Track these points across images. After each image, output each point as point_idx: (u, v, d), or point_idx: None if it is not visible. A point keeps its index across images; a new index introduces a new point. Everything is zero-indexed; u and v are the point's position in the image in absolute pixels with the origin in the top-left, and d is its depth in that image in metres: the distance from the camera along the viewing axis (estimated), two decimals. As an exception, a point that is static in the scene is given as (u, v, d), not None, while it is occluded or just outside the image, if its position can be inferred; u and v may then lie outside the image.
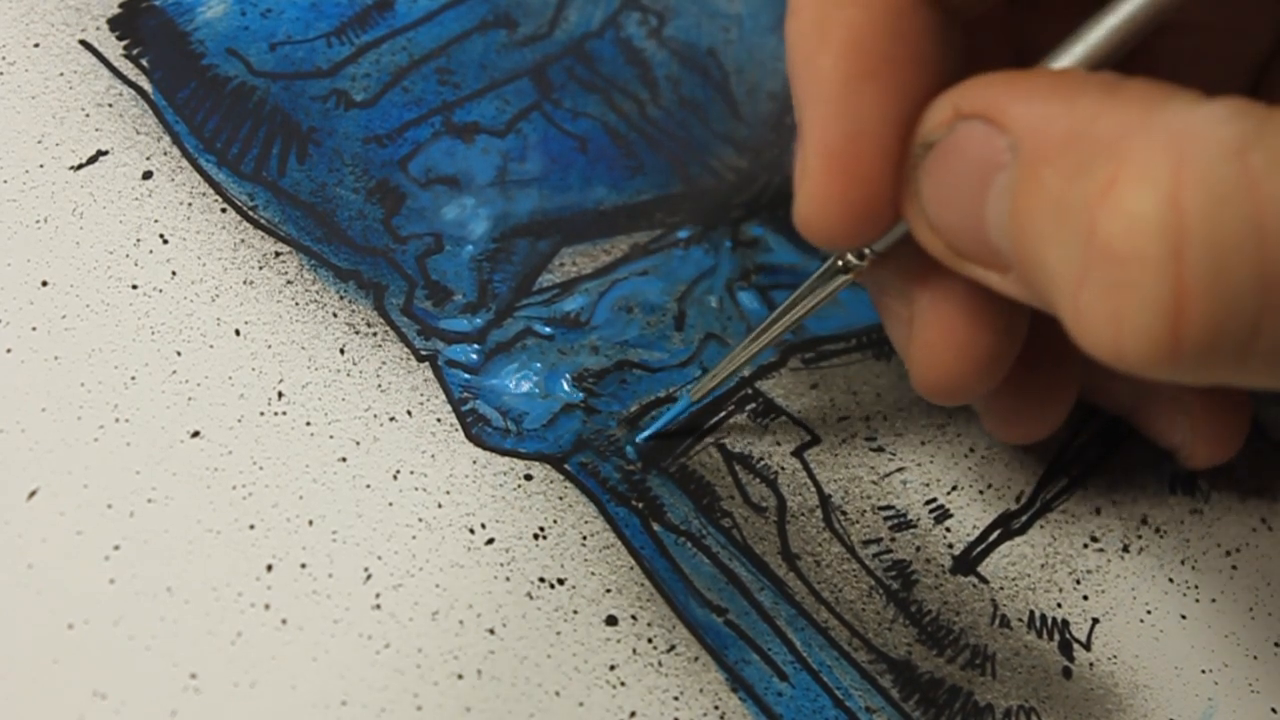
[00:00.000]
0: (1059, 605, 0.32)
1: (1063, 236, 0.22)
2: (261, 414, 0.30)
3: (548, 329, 0.33)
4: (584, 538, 0.31)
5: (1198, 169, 0.20)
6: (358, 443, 0.31)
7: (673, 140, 0.37)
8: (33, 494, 0.28)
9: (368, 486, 0.30)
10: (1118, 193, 0.21)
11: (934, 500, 0.33)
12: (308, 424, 0.31)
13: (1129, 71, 0.22)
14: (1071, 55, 0.24)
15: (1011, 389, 0.30)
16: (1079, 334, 0.22)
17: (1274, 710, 0.31)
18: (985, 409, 0.32)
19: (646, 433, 0.32)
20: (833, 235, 0.26)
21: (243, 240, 0.33)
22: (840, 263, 0.28)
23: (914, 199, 0.25)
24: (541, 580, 0.30)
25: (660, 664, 0.29)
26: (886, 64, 0.25)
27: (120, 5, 0.35)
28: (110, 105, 0.34)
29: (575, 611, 0.30)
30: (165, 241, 0.32)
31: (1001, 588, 0.32)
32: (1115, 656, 0.32)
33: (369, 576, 0.29)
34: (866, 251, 0.27)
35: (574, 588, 0.30)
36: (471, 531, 0.30)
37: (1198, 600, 0.33)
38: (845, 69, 0.25)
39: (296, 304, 0.32)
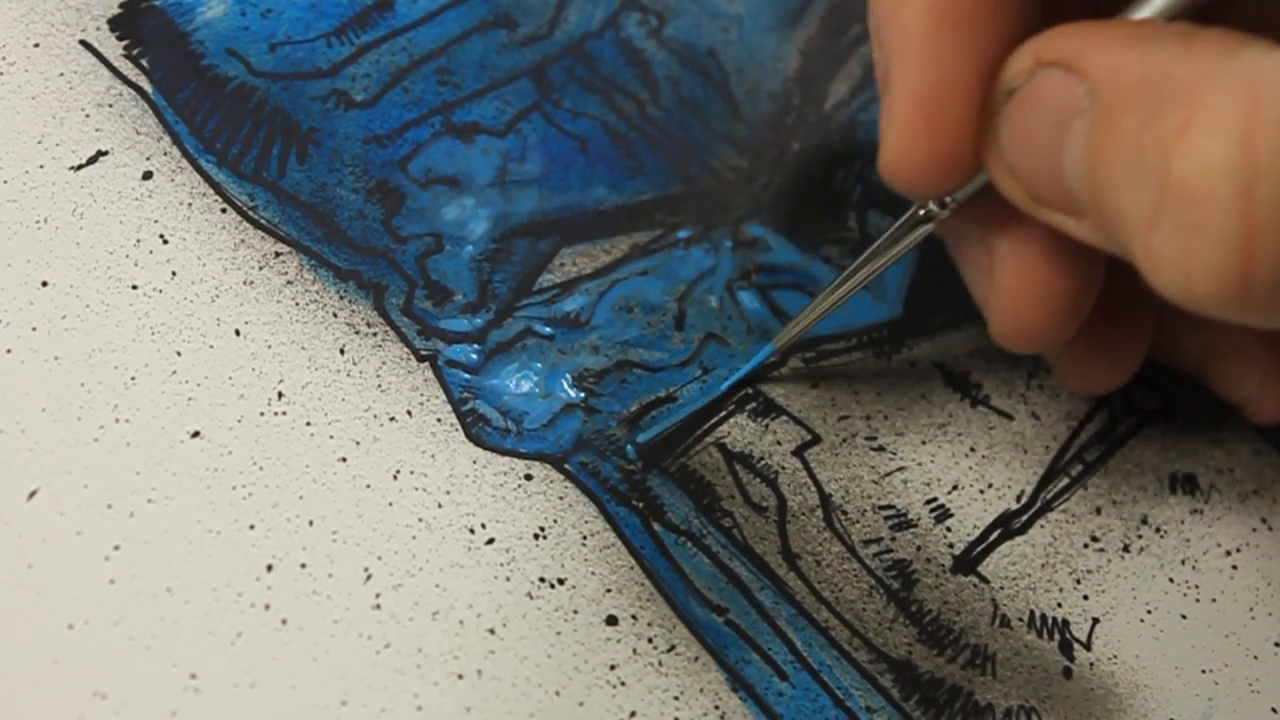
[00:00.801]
0: (1059, 605, 0.32)
1: (1137, 179, 0.22)
2: (261, 414, 0.30)
3: (548, 329, 0.33)
4: (584, 537, 0.31)
5: (1269, 112, 0.21)
6: (358, 443, 0.31)
7: (673, 140, 0.37)
8: (33, 494, 0.28)
9: (368, 486, 0.30)
10: (1191, 135, 0.21)
11: (934, 500, 0.33)
12: (308, 424, 0.31)
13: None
14: (1148, 7, 0.25)
15: (1085, 340, 0.31)
16: (1151, 275, 0.23)
17: (1274, 710, 0.31)
18: (1059, 359, 0.32)
19: (733, 379, 0.33)
20: (918, 182, 0.27)
21: (243, 240, 0.33)
22: (922, 212, 0.29)
23: (994, 146, 0.26)
24: (541, 580, 0.30)
25: (660, 664, 0.29)
26: (971, 14, 0.26)
27: (120, 5, 0.35)
28: (110, 105, 0.34)
29: (575, 611, 0.30)
30: (165, 242, 0.32)
31: (1002, 587, 0.32)
32: (1115, 656, 0.32)
33: (369, 576, 0.29)
34: (947, 200, 0.28)
35: (574, 588, 0.30)
36: (471, 531, 0.30)
37: (1198, 600, 0.33)
38: (932, 19, 0.26)
39: (296, 304, 0.32)
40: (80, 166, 0.33)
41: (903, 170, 0.27)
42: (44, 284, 0.31)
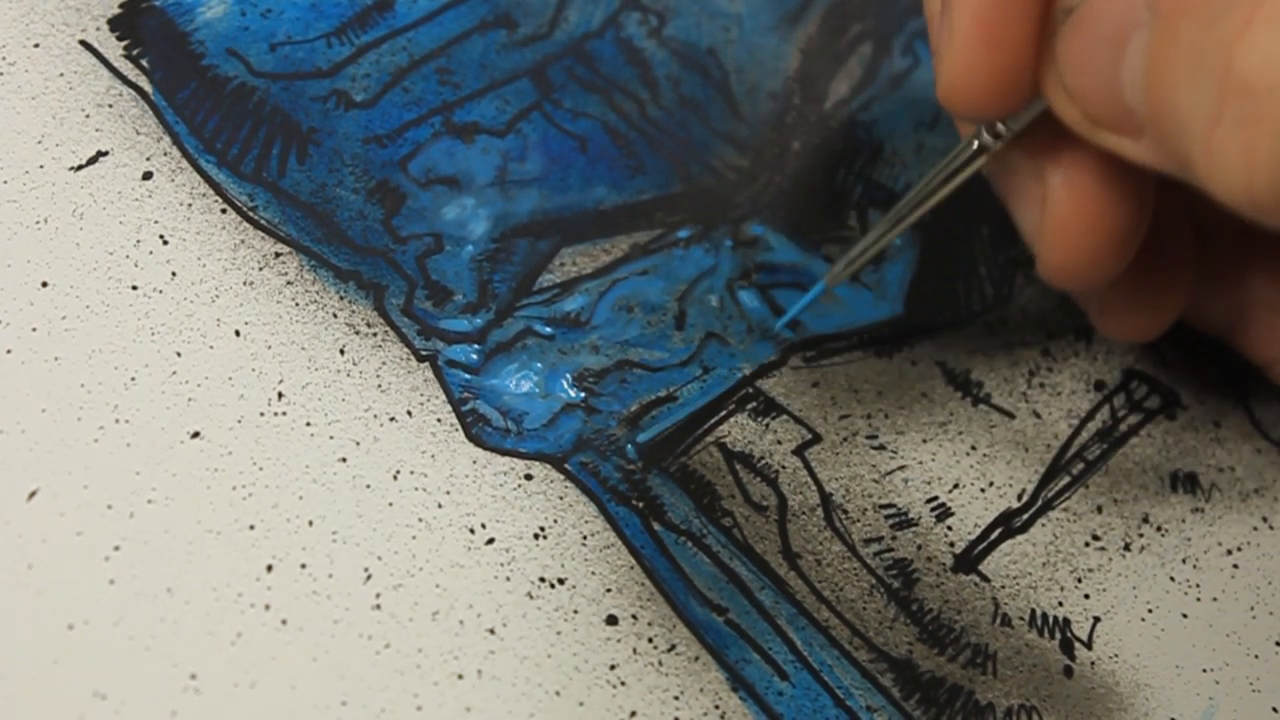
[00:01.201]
0: (1060, 604, 0.32)
1: (1198, 81, 0.23)
2: (261, 414, 0.30)
3: (548, 329, 0.33)
4: (584, 537, 0.31)
5: None
6: (358, 443, 0.31)
7: (673, 140, 0.37)
8: (33, 494, 0.28)
9: (368, 487, 0.30)
10: (1253, 31, 0.22)
11: (935, 498, 0.33)
12: (308, 424, 0.31)
13: None
14: None
15: (1125, 286, 0.31)
16: (1212, 178, 0.23)
17: (1275, 709, 0.31)
18: (1098, 306, 0.33)
19: (785, 319, 0.34)
20: (978, 104, 0.27)
21: (243, 241, 0.33)
22: (976, 144, 0.29)
23: (1052, 67, 0.27)
24: (542, 580, 0.30)
25: (661, 663, 0.29)
26: None
27: (120, 5, 0.35)
28: (110, 106, 0.34)
29: (575, 611, 0.30)
30: (165, 242, 0.32)
31: (1003, 586, 0.32)
32: (1116, 655, 0.31)
33: (369, 576, 0.29)
34: (1001, 130, 0.28)
35: (574, 587, 0.30)
36: (471, 531, 0.30)
37: (1199, 599, 0.33)
38: None
39: (296, 304, 0.32)
40: (80, 167, 0.33)
41: (962, 89, 0.27)
42: (44, 284, 0.31)
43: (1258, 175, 0.22)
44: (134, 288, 0.31)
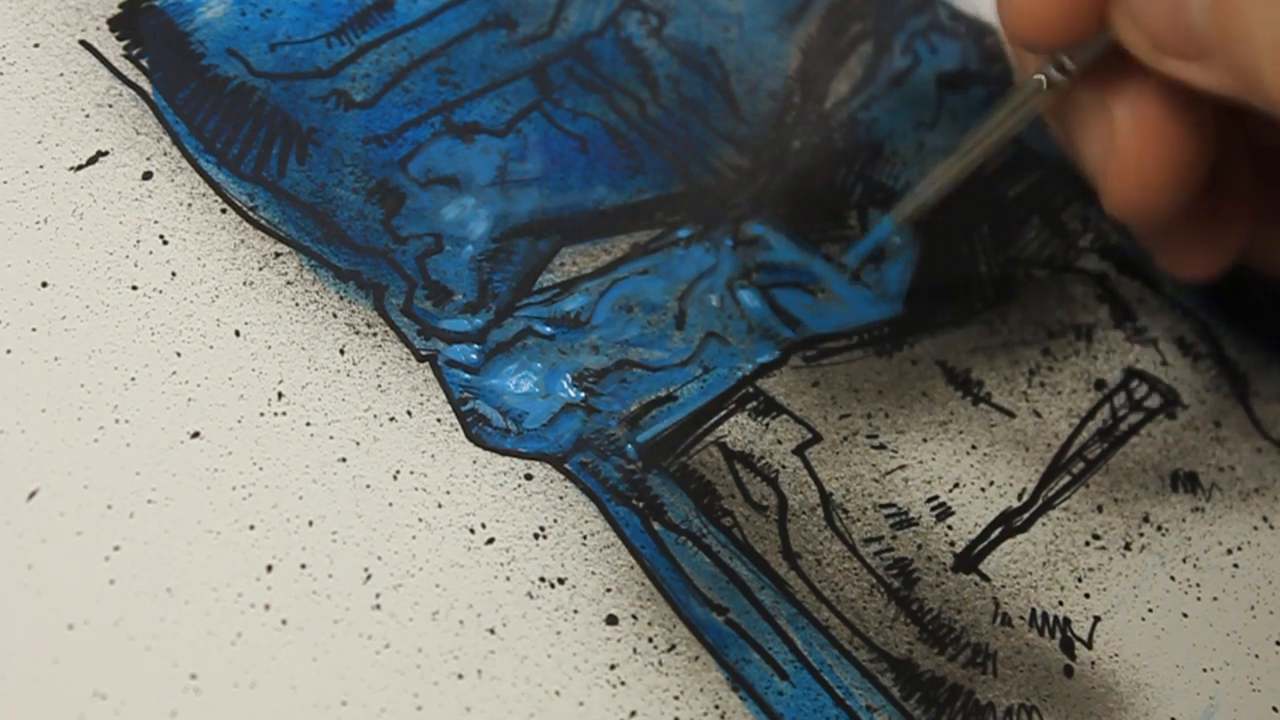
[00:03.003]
0: (1060, 603, 0.32)
1: (1266, 1, 0.23)
2: (261, 414, 0.30)
3: (548, 328, 0.33)
4: (584, 537, 0.31)
5: None
6: (358, 443, 0.31)
7: (673, 139, 0.37)
8: (33, 494, 0.28)
9: (368, 487, 0.30)
10: None
11: (935, 498, 0.33)
12: (308, 424, 0.31)
13: None
14: None
15: (1189, 222, 0.31)
16: None
17: (1275, 709, 0.31)
18: (1161, 243, 0.33)
19: (856, 253, 0.34)
20: (1044, 32, 0.28)
21: (243, 241, 0.33)
22: (1044, 80, 0.29)
23: None
24: (542, 580, 0.30)
25: (661, 663, 0.29)
26: None
27: (120, 5, 0.35)
28: (110, 105, 0.34)
29: (575, 611, 0.30)
30: (165, 242, 0.32)
31: (1003, 586, 0.32)
32: (1117, 655, 0.31)
33: (369, 576, 0.29)
34: (1067, 64, 0.29)
35: (574, 587, 0.30)
36: (471, 531, 0.30)
37: (1199, 598, 0.33)
38: None
39: (296, 304, 0.32)
40: (80, 167, 0.33)
41: (1031, 18, 0.27)
42: (44, 284, 0.31)
43: None
44: (134, 288, 0.31)
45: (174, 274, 0.32)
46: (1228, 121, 0.29)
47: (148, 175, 0.33)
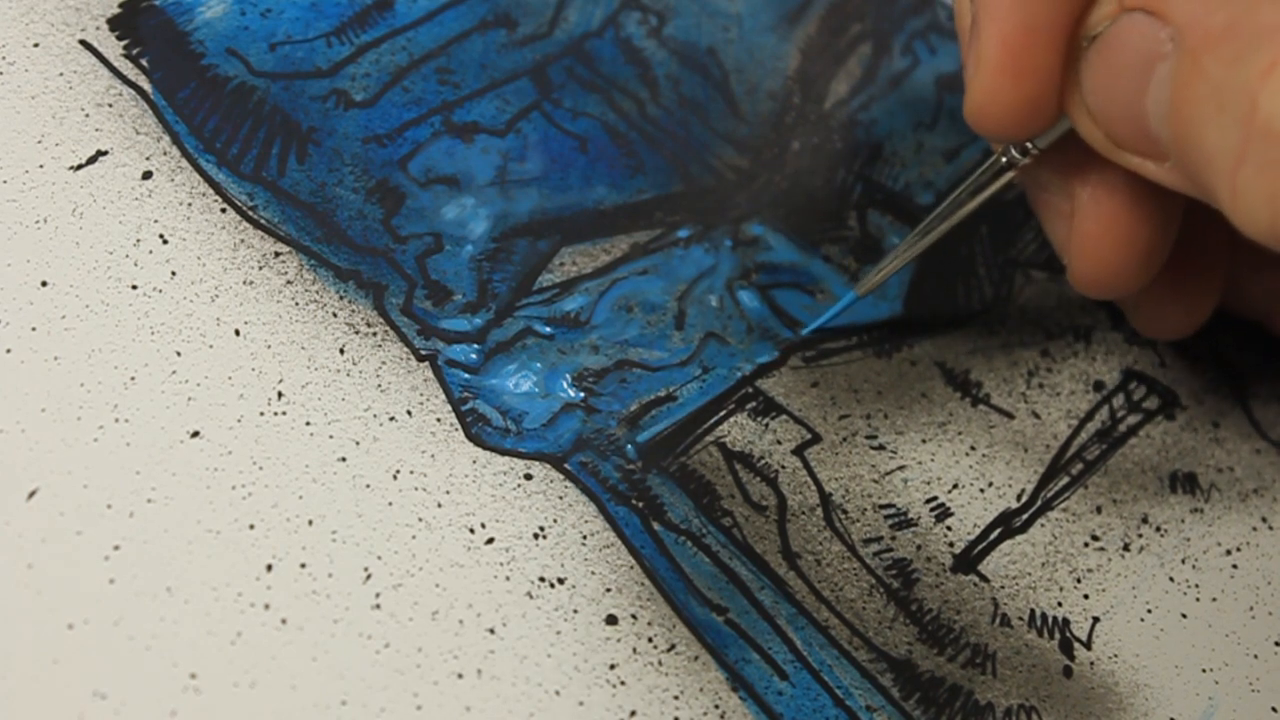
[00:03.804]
0: (1059, 604, 0.32)
1: (1222, 120, 0.23)
2: (261, 414, 0.30)
3: (548, 328, 0.33)
4: (584, 537, 0.31)
5: None
6: (358, 443, 0.31)
7: (673, 139, 0.37)
8: (33, 494, 0.28)
9: (368, 486, 0.30)
10: (1278, 75, 0.22)
11: (935, 498, 0.33)
12: (308, 424, 0.31)
13: None
14: None
15: (1160, 285, 0.31)
16: (1236, 214, 0.23)
17: (1274, 709, 0.31)
18: (1134, 306, 0.33)
19: (812, 326, 0.34)
20: (1004, 125, 0.28)
21: (242, 240, 0.33)
22: (1005, 160, 0.30)
23: (1077, 91, 0.27)
24: (541, 580, 0.30)
25: (660, 663, 0.29)
26: None
27: (120, 5, 0.35)
28: (110, 105, 0.34)
29: (575, 611, 0.30)
30: (165, 241, 0.32)
31: (1002, 586, 0.32)
32: (1116, 655, 0.31)
33: (369, 576, 0.29)
34: (1029, 147, 0.29)
35: (574, 587, 0.30)
36: (471, 531, 0.30)
37: (1198, 599, 0.33)
38: None
39: (296, 304, 0.32)
40: (80, 166, 0.33)
41: (991, 113, 0.28)
42: (44, 284, 0.31)
43: None
44: (134, 287, 0.31)
45: (174, 273, 0.32)
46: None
47: (147, 175, 0.33)
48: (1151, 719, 0.31)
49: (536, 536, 0.30)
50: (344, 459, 0.30)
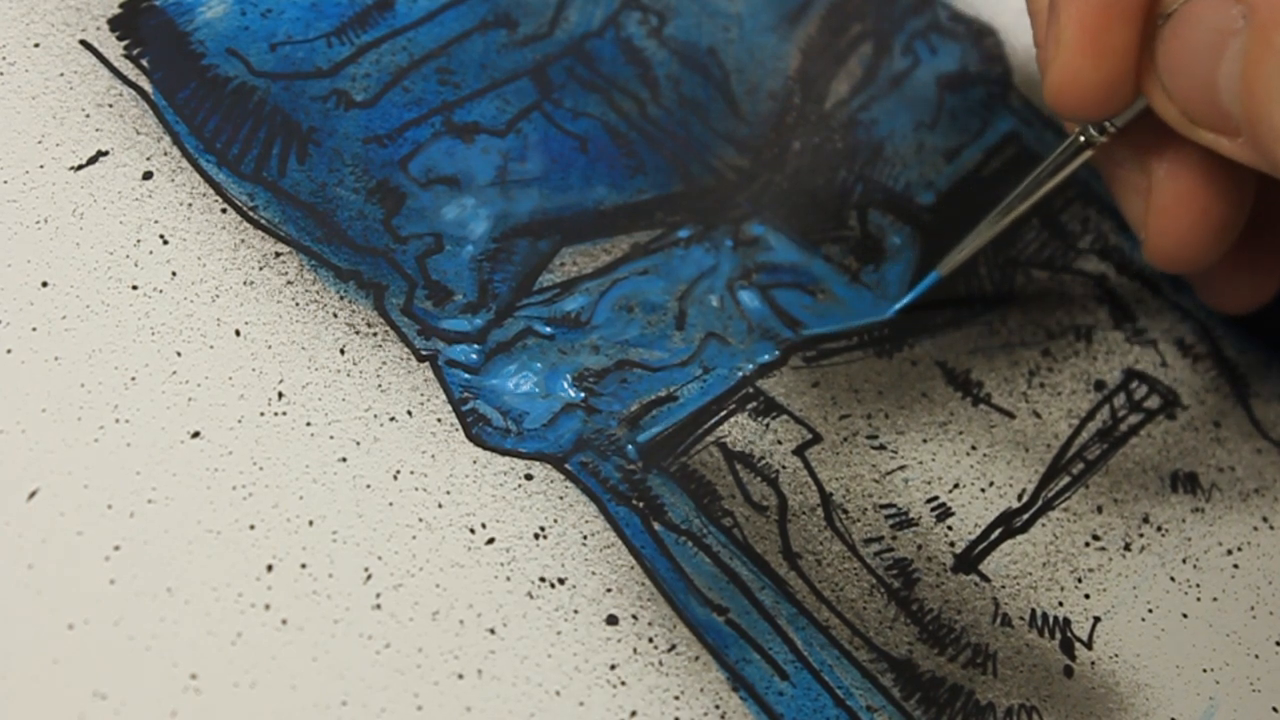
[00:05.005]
0: (1060, 604, 0.32)
1: None
2: (261, 414, 0.30)
3: (548, 329, 0.33)
4: (584, 537, 0.31)
5: None
6: (358, 443, 0.31)
7: (673, 140, 0.37)
8: (33, 494, 0.28)
9: (368, 486, 0.30)
10: None
11: (935, 498, 0.33)
12: (308, 424, 0.31)
13: None
14: None
15: (1230, 259, 0.32)
16: None
17: (1275, 709, 0.31)
18: (1203, 280, 0.34)
19: (897, 307, 0.35)
20: (1084, 106, 0.28)
21: (243, 241, 0.33)
22: (1082, 139, 0.30)
23: (1153, 69, 0.28)
24: (542, 580, 0.30)
25: (661, 663, 0.29)
26: None
27: (120, 5, 0.35)
28: (110, 105, 0.34)
29: (576, 611, 0.30)
30: (165, 242, 0.32)
31: (1003, 586, 0.32)
32: (1117, 655, 0.31)
33: (369, 576, 0.29)
34: (1107, 126, 0.30)
35: (574, 587, 0.30)
36: (472, 531, 0.30)
37: (1199, 599, 0.33)
38: None
39: (296, 304, 0.32)
40: (80, 166, 0.33)
41: (1071, 94, 0.28)
42: (44, 284, 0.31)
43: None
44: (134, 287, 0.31)
45: (174, 274, 0.32)
46: None
47: (148, 175, 0.33)
48: (1152, 719, 0.31)
49: (537, 537, 0.30)
50: (344, 459, 0.30)
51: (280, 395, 0.31)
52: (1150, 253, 0.31)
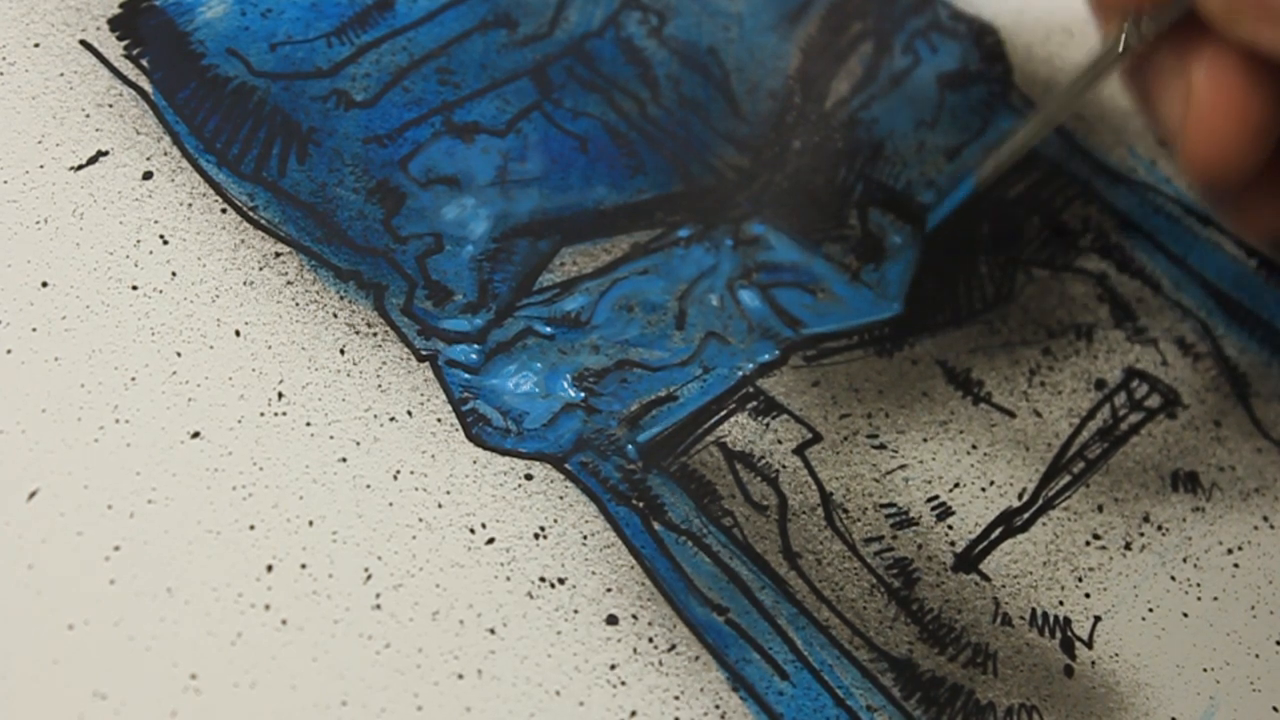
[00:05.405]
0: (1061, 603, 0.32)
1: None
2: (261, 414, 0.30)
3: (548, 328, 0.33)
4: (584, 537, 0.31)
5: None
6: (358, 443, 0.31)
7: (673, 139, 0.37)
8: (33, 494, 0.28)
9: (368, 487, 0.30)
10: None
11: (936, 498, 0.33)
12: (308, 424, 0.31)
13: None
14: None
15: (1261, 184, 0.32)
16: None
17: (1275, 709, 0.31)
18: (1234, 208, 0.34)
19: (935, 220, 0.35)
20: None
21: (243, 241, 0.33)
22: (1121, 42, 0.30)
23: None
24: (542, 580, 0.30)
25: (661, 663, 0.29)
26: None
27: (120, 5, 0.35)
28: (110, 105, 0.34)
29: (576, 611, 0.30)
30: (165, 242, 0.32)
31: (1003, 585, 0.32)
32: (1117, 654, 0.31)
33: (369, 576, 0.29)
34: (1145, 27, 0.30)
35: (574, 587, 0.30)
36: (472, 531, 0.30)
37: (1199, 598, 0.33)
38: None
39: (296, 304, 0.32)
40: (80, 166, 0.33)
41: None
42: (44, 284, 0.31)
43: None
44: (134, 288, 0.31)
45: (174, 274, 0.32)
46: None
47: (148, 175, 0.33)
48: (1153, 718, 0.31)
49: (537, 536, 0.30)
50: (344, 459, 0.30)
51: (280, 395, 0.31)
52: (1187, 161, 0.31)
